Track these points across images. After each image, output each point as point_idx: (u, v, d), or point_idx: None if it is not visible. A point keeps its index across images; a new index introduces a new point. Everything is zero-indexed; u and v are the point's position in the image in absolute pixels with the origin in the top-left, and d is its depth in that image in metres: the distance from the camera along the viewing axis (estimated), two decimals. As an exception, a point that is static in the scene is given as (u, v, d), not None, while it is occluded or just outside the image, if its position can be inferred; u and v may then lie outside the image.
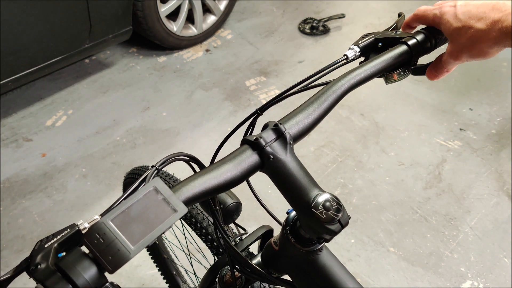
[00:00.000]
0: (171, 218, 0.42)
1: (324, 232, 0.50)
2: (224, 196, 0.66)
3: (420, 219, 1.90)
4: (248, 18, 3.21)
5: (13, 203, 1.94)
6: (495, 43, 0.56)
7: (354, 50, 0.64)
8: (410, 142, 2.26)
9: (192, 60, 2.82)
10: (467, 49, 0.59)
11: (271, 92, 2.57)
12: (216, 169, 0.49)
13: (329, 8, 3.32)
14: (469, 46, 0.58)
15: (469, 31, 0.57)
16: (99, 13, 2.23)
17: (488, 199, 1.98)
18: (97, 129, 2.31)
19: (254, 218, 1.81)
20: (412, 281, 1.69)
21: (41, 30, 2.04)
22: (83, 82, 2.62)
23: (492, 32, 0.55)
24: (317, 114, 0.56)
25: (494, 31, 0.55)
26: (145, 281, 1.67)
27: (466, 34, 0.58)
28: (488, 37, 0.56)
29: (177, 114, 2.42)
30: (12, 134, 2.27)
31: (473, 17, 0.57)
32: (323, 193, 0.51)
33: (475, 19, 0.57)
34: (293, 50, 2.91)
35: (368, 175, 2.08)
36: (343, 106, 2.44)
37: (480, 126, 2.35)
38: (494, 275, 1.70)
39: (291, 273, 0.62)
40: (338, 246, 1.79)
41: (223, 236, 0.61)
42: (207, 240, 0.95)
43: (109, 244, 0.39)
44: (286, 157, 0.51)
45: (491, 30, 0.56)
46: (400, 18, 0.70)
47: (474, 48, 0.58)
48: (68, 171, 2.09)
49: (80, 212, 1.91)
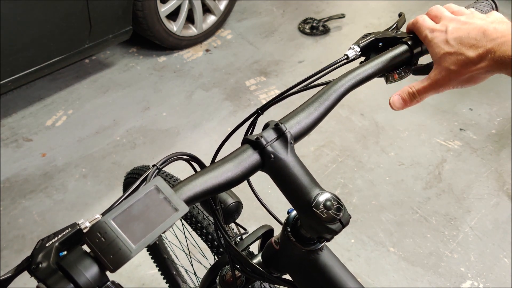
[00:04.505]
0: (172, 217, 0.42)
1: (325, 232, 0.50)
2: (225, 195, 0.66)
3: (420, 219, 1.90)
4: (248, 18, 3.21)
5: (13, 203, 1.94)
6: (486, 71, 0.54)
7: (354, 50, 0.64)
8: (410, 142, 2.26)
9: (192, 60, 2.82)
10: (456, 76, 0.56)
11: (271, 92, 2.57)
12: (217, 169, 0.49)
13: (329, 8, 3.32)
14: (458, 73, 0.56)
15: (459, 57, 0.55)
16: (99, 13, 2.23)
17: (488, 199, 1.98)
18: (97, 129, 2.31)
19: (254, 217, 1.81)
20: (412, 281, 1.69)
21: (41, 30, 2.04)
22: (83, 82, 2.61)
23: (484, 60, 0.53)
24: (317, 113, 0.56)
25: (486, 60, 0.53)
26: (145, 281, 1.67)
27: (457, 61, 0.55)
28: (480, 66, 0.54)
29: (177, 114, 2.42)
30: (12, 134, 2.27)
31: (464, 44, 0.55)
32: (324, 192, 0.51)
33: (466, 46, 0.54)
34: (293, 50, 2.91)
35: (368, 175, 2.08)
36: (343, 106, 2.44)
37: (480, 126, 2.35)
38: (494, 275, 1.71)
39: (292, 273, 0.62)
40: (338, 246, 1.79)
41: (223, 236, 0.61)
42: (208, 239, 0.95)
43: (110, 243, 0.39)
44: (287, 156, 0.51)
45: (483, 59, 0.53)
46: (401, 18, 0.70)
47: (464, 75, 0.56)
48: (68, 171, 2.08)
49: (80, 212, 1.91)
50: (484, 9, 0.69)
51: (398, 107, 0.62)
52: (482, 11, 0.68)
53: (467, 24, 0.56)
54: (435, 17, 0.61)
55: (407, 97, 0.61)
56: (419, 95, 0.60)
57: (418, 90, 0.60)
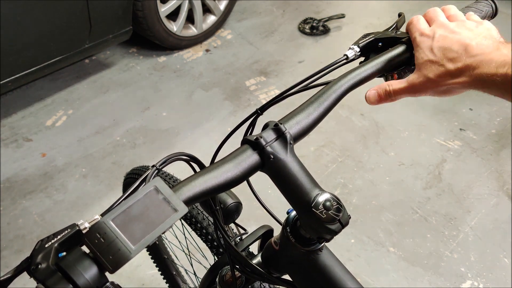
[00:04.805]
0: (172, 217, 0.42)
1: (324, 232, 0.50)
2: (224, 196, 0.66)
3: (420, 219, 1.90)
4: (248, 18, 3.21)
5: (13, 203, 1.94)
6: (464, 87, 0.54)
7: (354, 50, 0.64)
8: (410, 142, 2.26)
9: (192, 60, 2.82)
10: (433, 86, 0.56)
11: (271, 92, 2.57)
12: (216, 169, 0.49)
13: (329, 8, 3.32)
14: (436, 83, 0.55)
15: (440, 68, 0.55)
16: (99, 13, 2.23)
17: (488, 199, 1.98)
18: (97, 129, 2.31)
19: (254, 218, 1.81)
20: (412, 281, 1.69)
21: (41, 30, 2.04)
22: (83, 82, 2.61)
23: (463, 76, 0.53)
24: (317, 114, 0.56)
25: (465, 76, 0.53)
26: (145, 281, 1.67)
27: (437, 71, 0.55)
28: (458, 81, 0.53)
29: (177, 114, 2.42)
30: (12, 134, 2.27)
31: (446, 56, 0.54)
32: (324, 192, 0.51)
33: (448, 58, 0.54)
34: (293, 50, 2.91)
35: (368, 175, 2.08)
36: (343, 106, 2.44)
37: (480, 126, 2.35)
38: (494, 275, 1.71)
39: (291, 273, 0.62)
40: (338, 246, 1.79)
41: (223, 236, 0.61)
42: (207, 240, 0.95)
43: (109, 244, 0.39)
44: (286, 157, 0.51)
45: (461, 74, 0.53)
46: (400, 18, 0.70)
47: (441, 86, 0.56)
48: (68, 171, 2.08)
49: (80, 212, 1.91)
50: (483, 9, 0.69)
51: (373, 102, 0.62)
52: (482, 11, 0.68)
53: (454, 33, 0.56)
54: (430, 19, 0.61)
55: (383, 94, 0.61)
56: (394, 95, 0.60)
57: (394, 90, 0.60)
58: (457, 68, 0.53)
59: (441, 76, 0.55)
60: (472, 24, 0.57)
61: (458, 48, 0.54)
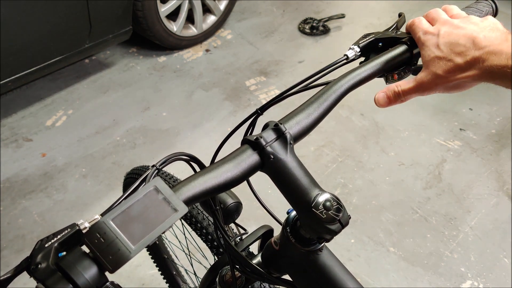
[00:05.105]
0: (172, 217, 0.42)
1: (324, 232, 0.50)
2: (224, 196, 0.66)
3: (420, 219, 1.90)
4: (248, 18, 3.21)
5: (13, 203, 1.94)
6: (474, 80, 0.53)
7: (354, 50, 0.64)
8: (410, 142, 2.26)
9: (192, 60, 2.82)
10: (443, 82, 0.56)
11: (271, 92, 2.57)
12: (216, 169, 0.49)
13: (329, 8, 3.32)
14: (445, 79, 0.55)
15: (448, 64, 0.54)
16: (99, 13, 2.23)
17: (488, 199, 1.98)
18: (97, 129, 2.31)
19: (254, 218, 1.81)
20: (412, 281, 1.69)
21: (41, 30, 2.04)
22: (83, 82, 2.61)
23: (472, 69, 0.52)
24: (317, 114, 0.56)
25: (475, 69, 0.52)
26: (145, 281, 1.67)
27: (445, 66, 0.55)
28: (468, 74, 0.53)
29: (177, 114, 2.42)
30: (12, 134, 2.27)
31: (454, 50, 0.54)
32: (324, 193, 0.51)
33: (455, 52, 0.54)
34: (293, 50, 2.91)
35: (368, 175, 2.08)
36: (343, 106, 2.44)
37: (480, 126, 2.35)
38: (494, 275, 1.71)
39: (292, 273, 0.62)
40: (338, 246, 1.79)
41: (223, 236, 0.61)
42: (207, 240, 0.95)
43: (109, 244, 0.39)
44: (286, 157, 0.51)
45: (470, 68, 0.53)
46: (400, 18, 0.70)
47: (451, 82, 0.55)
48: (68, 171, 2.08)
49: (80, 212, 1.91)
50: (484, 10, 0.69)
51: (382, 104, 0.62)
52: (482, 11, 0.68)
53: (459, 28, 0.55)
54: (432, 19, 0.60)
55: (392, 95, 0.61)
56: (403, 95, 0.60)
57: (404, 91, 0.60)
58: (466, 62, 0.53)
59: (450, 72, 0.54)
60: (476, 19, 0.56)
61: (465, 41, 0.53)
